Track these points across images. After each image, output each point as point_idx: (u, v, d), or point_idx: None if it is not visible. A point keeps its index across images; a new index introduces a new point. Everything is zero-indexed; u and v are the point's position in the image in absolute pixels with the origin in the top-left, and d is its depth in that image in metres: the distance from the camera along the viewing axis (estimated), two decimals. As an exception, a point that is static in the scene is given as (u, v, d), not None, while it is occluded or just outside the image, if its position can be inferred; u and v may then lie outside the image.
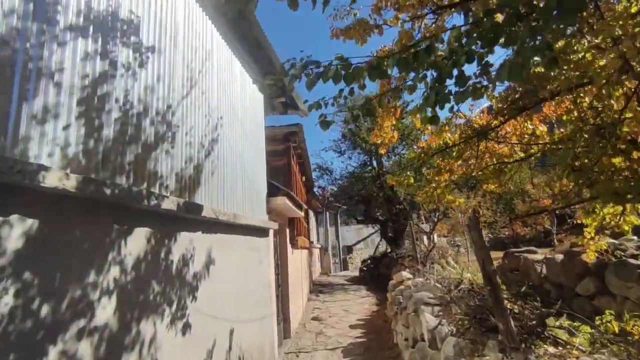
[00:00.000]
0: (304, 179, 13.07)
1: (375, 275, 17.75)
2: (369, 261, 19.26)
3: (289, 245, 7.98)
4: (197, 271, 3.39)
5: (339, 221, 26.61)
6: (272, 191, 6.06)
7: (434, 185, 4.50)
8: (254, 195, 5.46)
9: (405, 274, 8.73)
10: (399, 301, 6.64)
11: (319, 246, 23.81)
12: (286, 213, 7.37)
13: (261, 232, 5.55)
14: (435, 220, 19.49)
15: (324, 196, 22.49)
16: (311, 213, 22.71)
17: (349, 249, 27.68)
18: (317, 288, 15.62)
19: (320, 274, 22.85)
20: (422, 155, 4.19)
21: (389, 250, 19.56)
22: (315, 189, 18.62)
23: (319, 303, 11.36)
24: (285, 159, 8.80)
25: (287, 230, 8.06)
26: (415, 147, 17.27)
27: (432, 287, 5.95)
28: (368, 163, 16.82)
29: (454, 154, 3.87)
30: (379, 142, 4.80)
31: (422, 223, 19.48)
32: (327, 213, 25.04)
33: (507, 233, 22.87)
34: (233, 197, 4.53)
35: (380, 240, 22.14)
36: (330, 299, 12.17)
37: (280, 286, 7.02)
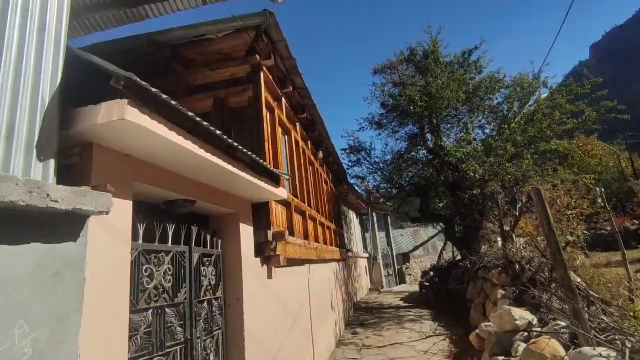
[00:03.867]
0: (319, 154, 8.67)
1: (443, 294, 12.84)
2: (431, 273, 14.29)
3: (253, 262, 3.72)
4: None
5: (389, 223, 21.74)
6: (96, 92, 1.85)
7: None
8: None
9: (519, 313, 4.04)
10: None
11: (366, 255, 19.16)
12: (194, 175, 3.12)
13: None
14: (517, 213, 14.13)
15: (368, 192, 17.86)
16: (352, 214, 18.25)
17: (405, 258, 22.63)
18: (360, 315, 11.06)
19: (369, 290, 18.16)
20: None
21: (457, 256, 14.55)
22: (351, 181, 14.14)
23: (354, 351, 6.88)
24: (249, 91, 4.59)
25: (248, 229, 3.79)
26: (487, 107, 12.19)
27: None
28: (419, 137, 12.04)
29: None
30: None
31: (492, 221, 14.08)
32: (374, 214, 20.35)
33: (609, 228, 16.64)
34: None
35: (445, 244, 17.00)
36: (374, 341, 7.58)
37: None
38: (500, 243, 16.77)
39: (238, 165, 3.03)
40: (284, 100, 5.75)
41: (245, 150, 3.15)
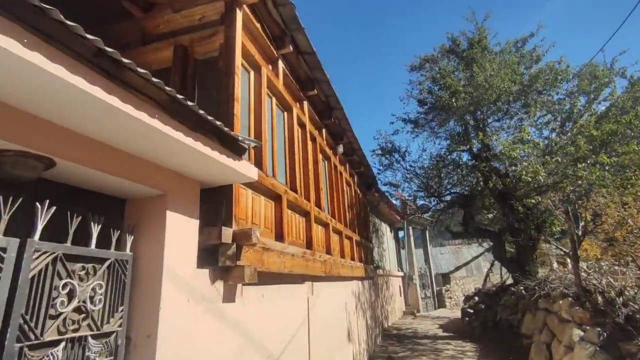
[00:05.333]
0: (338, 148, 7.08)
1: (490, 324, 10.77)
2: (476, 298, 12.20)
3: (190, 276, 2.33)
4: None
5: (427, 239, 19.63)
6: None
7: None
8: None
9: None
10: None
11: (401, 274, 17.21)
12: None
13: None
14: (580, 232, 11.83)
15: (403, 202, 16.04)
16: (385, 227, 16.47)
17: (445, 279, 20.29)
18: (389, 345, 9.27)
19: (403, 313, 16.16)
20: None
21: (507, 279, 12.41)
22: (383, 188, 12.46)
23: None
24: (219, 35, 3.26)
25: (185, 222, 2.41)
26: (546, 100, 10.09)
27: None
28: (463, 136, 10.22)
29: None
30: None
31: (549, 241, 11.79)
32: (410, 228, 18.39)
33: None
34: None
35: (492, 264, 14.75)
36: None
37: None
38: (569, 264, 14.31)
39: (149, 109, 1.71)
40: (281, 63, 4.41)
41: (167, 88, 1.82)
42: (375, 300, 10.15)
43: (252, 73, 3.72)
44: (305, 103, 5.31)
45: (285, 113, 4.62)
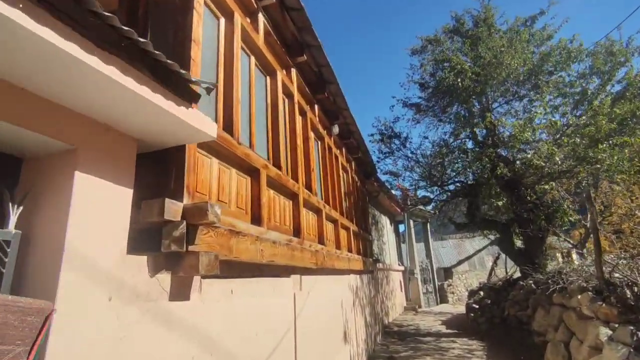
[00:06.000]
0: (333, 129, 6.34)
1: (498, 321, 10.18)
2: (481, 293, 11.55)
3: (114, 266, 1.65)
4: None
5: (429, 232, 18.97)
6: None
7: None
8: None
9: None
10: None
11: (401, 269, 16.58)
12: None
13: None
14: (588, 225, 11.22)
15: (404, 194, 15.34)
16: (385, 220, 15.80)
17: (447, 273, 19.66)
18: (390, 344, 8.64)
19: (404, 309, 15.54)
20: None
21: (514, 273, 11.81)
22: (383, 177, 11.77)
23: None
24: None
25: (108, 189, 1.73)
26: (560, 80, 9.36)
27: None
28: (469, 121, 9.50)
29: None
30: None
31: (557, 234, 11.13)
32: (411, 220, 17.73)
33: None
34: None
35: (497, 258, 14.10)
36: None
37: None
38: (574, 257, 13.62)
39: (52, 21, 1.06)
40: (262, 17, 3.71)
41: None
42: (375, 296, 9.52)
43: (222, 20, 3.03)
44: (294, 71, 4.61)
45: (268, 78, 3.93)
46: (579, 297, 5.71)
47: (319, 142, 5.83)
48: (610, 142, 6.62)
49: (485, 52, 8.27)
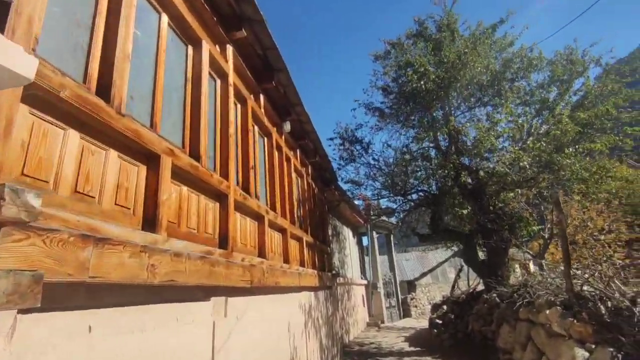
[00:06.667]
0: (285, 125, 5.55)
1: (461, 336, 9.71)
2: (444, 307, 11.08)
3: None
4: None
5: (392, 244, 18.53)
6: None
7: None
8: None
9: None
10: None
11: (364, 282, 15.92)
12: None
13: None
14: (547, 236, 11.16)
15: (367, 204, 14.79)
16: (347, 232, 15.15)
17: (410, 286, 19.24)
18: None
19: (366, 325, 14.83)
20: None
21: (477, 285, 11.50)
22: (344, 186, 11.11)
23: None
24: None
25: None
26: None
27: None
28: (432, 125, 9.08)
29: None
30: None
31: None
32: (374, 232, 17.21)
33: None
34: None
35: (460, 270, 13.80)
36: None
37: None
38: (531, 268, 13.50)
39: None
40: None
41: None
42: (334, 314, 8.74)
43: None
44: (230, 48, 3.84)
45: (190, 47, 3.14)
46: (547, 312, 5.22)
47: (265, 139, 5.05)
48: (577, 147, 6.34)
49: (449, 53, 7.91)
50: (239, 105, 4.03)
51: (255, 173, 4.08)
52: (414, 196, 10.58)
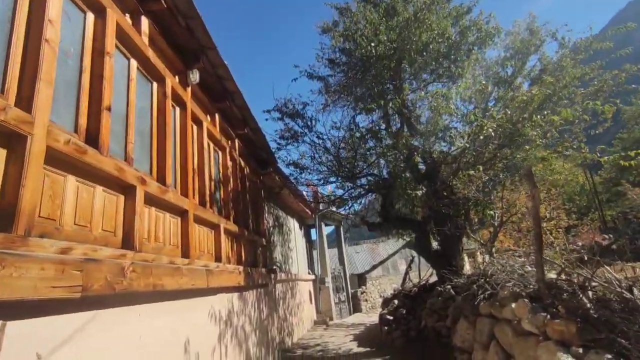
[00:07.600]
0: (192, 74, 4.13)
1: (414, 333, 8.84)
2: (395, 302, 10.18)
3: None
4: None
5: (342, 237, 17.56)
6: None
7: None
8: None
9: None
10: None
11: (311, 278, 14.76)
12: None
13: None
14: (497, 224, 10.61)
15: (314, 192, 13.59)
16: (293, 223, 13.88)
17: (361, 279, 18.44)
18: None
19: (314, 323, 13.68)
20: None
21: (430, 277, 10.79)
22: (286, 170, 9.75)
23: None
24: None
25: None
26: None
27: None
28: (382, 97, 8.00)
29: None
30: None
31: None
32: (323, 224, 16.10)
33: (580, 243, 14.07)
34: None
35: (412, 261, 13.08)
36: None
37: None
38: (479, 258, 12.98)
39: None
40: None
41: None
42: (270, 316, 7.44)
43: None
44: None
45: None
46: (514, 305, 4.27)
47: (156, 85, 3.57)
48: (545, 113, 5.52)
49: (402, 11, 6.85)
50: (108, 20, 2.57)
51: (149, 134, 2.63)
52: (364, 180, 9.52)
